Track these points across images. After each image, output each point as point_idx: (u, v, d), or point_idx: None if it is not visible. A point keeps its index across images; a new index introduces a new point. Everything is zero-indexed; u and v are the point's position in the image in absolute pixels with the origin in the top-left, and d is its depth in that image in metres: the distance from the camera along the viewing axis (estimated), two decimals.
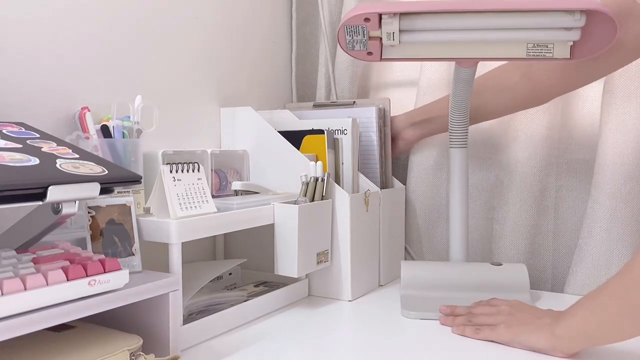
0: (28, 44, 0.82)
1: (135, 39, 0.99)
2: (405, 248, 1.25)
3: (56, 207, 0.64)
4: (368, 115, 1.16)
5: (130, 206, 0.78)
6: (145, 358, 0.65)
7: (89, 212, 0.75)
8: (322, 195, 0.99)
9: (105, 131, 0.86)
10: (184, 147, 1.08)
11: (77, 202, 0.63)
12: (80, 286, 0.61)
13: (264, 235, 0.99)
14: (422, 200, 1.24)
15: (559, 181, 1.16)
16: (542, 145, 1.13)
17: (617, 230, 1.02)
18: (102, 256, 0.67)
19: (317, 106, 1.23)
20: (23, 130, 0.72)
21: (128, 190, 0.85)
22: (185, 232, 0.79)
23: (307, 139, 1.09)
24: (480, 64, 1.00)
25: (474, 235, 1.23)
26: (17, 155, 0.62)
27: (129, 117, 0.89)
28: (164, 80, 1.05)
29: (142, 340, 0.67)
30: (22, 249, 0.68)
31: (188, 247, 1.08)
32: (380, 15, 0.88)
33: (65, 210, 0.63)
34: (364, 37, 0.91)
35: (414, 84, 1.31)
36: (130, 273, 0.67)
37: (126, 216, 0.77)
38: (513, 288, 0.98)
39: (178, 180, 0.82)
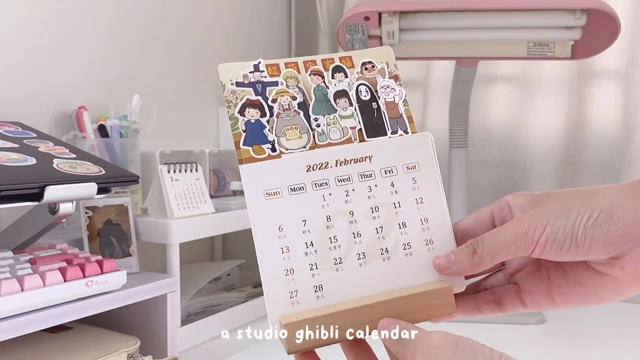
0: (25, 43, 0.82)
1: (133, 37, 0.98)
2: None
3: (53, 207, 0.63)
4: None
5: (127, 206, 0.78)
6: None
7: (86, 213, 0.74)
8: None
9: (102, 131, 0.85)
10: (182, 146, 1.08)
11: (74, 202, 0.63)
12: (78, 287, 0.60)
13: None
14: None
15: (574, 181, 1.14)
16: (557, 145, 1.11)
17: None
18: (100, 257, 0.66)
19: None
20: (20, 129, 0.72)
21: (125, 190, 0.85)
22: (183, 233, 0.78)
23: None
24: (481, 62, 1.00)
25: None
26: (14, 155, 0.62)
27: (127, 117, 0.88)
28: (162, 80, 1.05)
29: (139, 342, 0.66)
30: (19, 250, 0.67)
31: (186, 248, 1.08)
32: (380, 14, 0.87)
33: (62, 210, 0.62)
34: (364, 35, 0.90)
35: (415, 84, 1.31)
36: (127, 274, 0.66)
37: (123, 216, 0.77)
38: None
39: (176, 180, 0.81)
